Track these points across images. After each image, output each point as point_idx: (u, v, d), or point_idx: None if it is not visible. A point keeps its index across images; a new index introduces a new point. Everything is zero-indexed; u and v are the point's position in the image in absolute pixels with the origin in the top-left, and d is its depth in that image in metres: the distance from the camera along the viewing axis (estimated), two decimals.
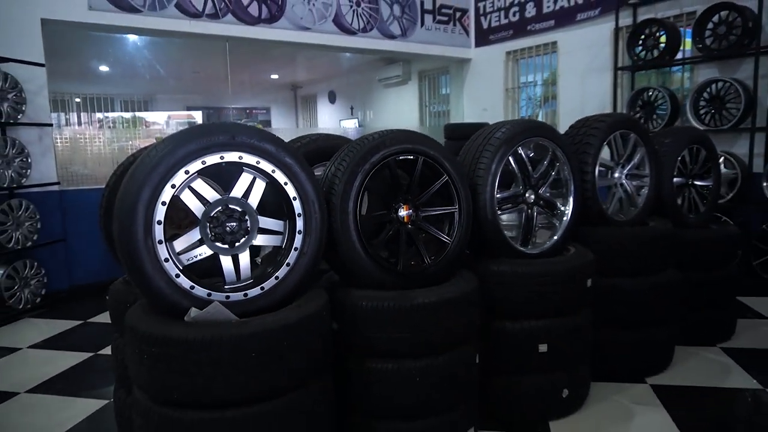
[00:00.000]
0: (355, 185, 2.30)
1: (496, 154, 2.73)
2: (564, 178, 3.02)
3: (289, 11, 6.63)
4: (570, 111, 6.95)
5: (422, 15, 7.81)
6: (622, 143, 3.41)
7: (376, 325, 2.23)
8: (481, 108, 8.36)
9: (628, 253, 3.21)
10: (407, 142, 2.44)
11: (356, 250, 2.30)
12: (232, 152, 1.98)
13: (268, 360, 1.82)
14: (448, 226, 2.59)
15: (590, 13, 6.67)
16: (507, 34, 7.84)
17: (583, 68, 6.78)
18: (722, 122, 5.28)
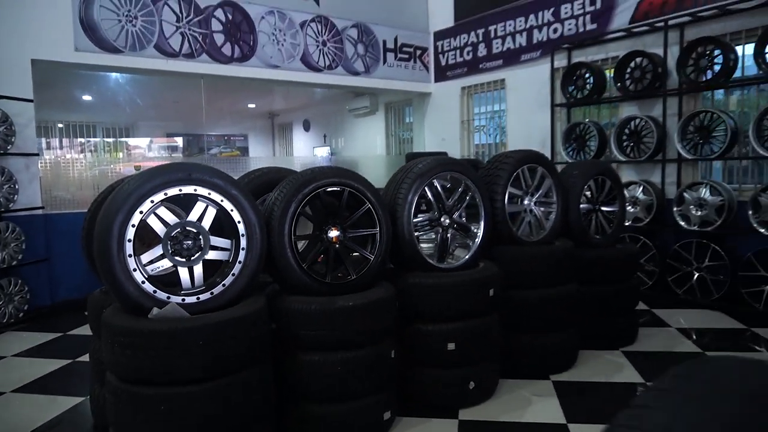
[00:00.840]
0: (290, 211, 2.87)
1: (412, 185, 3.33)
2: (476, 205, 3.63)
3: (260, 51, 7.26)
4: (518, 142, 7.65)
5: (384, 53, 8.51)
6: (530, 175, 4.03)
7: (305, 324, 2.78)
8: (440, 138, 9.03)
9: (534, 268, 3.81)
10: (335, 176, 3.03)
11: (290, 264, 2.86)
12: (188, 186, 2.55)
13: (212, 348, 2.36)
14: (371, 245, 3.16)
15: (533, 55, 7.41)
16: (462, 71, 8.56)
17: (528, 103, 7.49)
18: (640, 154, 5.98)
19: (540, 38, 7.32)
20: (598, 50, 6.65)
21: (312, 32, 7.72)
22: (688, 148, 5.54)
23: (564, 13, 6.99)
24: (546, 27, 7.23)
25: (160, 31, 6.46)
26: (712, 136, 5.39)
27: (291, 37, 7.53)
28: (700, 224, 5.45)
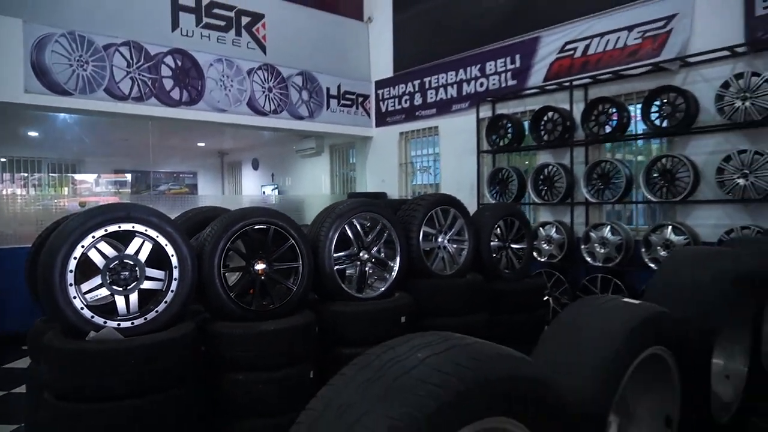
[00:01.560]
0: (219, 246, 3.25)
1: (333, 224, 3.77)
2: (393, 242, 4.09)
3: (208, 95, 7.68)
4: (450, 184, 8.26)
5: (328, 99, 9.07)
6: (443, 216, 4.55)
7: (230, 347, 3.13)
8: (380, 179, 9.58)
9: (445, 299, 4.27)
10: (262, 215, 3.44)
11: (219, 293, 3.22)
12: (127, 224, 2.91)
13: (142, 367, 2.68)
14: (294, 277, 3.56)
15: (462, 105, 8.12)
16: (400, 117, 9.21)
17: (459, 149, 8.14)
18: (553, 197, 6.65)
19: (468, 91, 8.04)
20: (517, 104, 7.39)
21: (259, 79, 8.21)
22: (593, 192, 6.24)
23: (489, 69, 7.75)
24: (474, 81, 7.97)
25: (111, 76, 6.79)
26: (611, 183, 6.10)
27: (238, 83, 7.98)
28: (604, 260, 6.09)
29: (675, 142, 5.91)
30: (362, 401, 0.88)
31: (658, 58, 5.88)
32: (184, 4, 7.51)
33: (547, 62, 7.01)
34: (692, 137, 5.72)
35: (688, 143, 5.77)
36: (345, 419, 0.86)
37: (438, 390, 0.85)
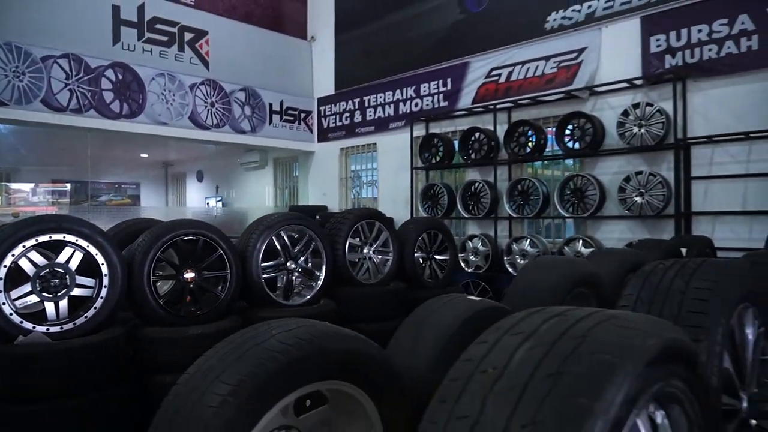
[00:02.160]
0: (149, 255, 3.47)
1: (261, 235, 4.04)
2: (320, 252, 4.39)
3: (149, 108, 7.79)
4: (387, 198, 8.64)
5: (270, 115, 9.32)
6: (369, 228, 4.89)
7: (159, 350, 3.34)
8: (322, 192, 9.87)
9: (368, 305, 4.60)
10: (191, 227, 3.67)
11: (148, 300, 3.43)
12: (58, 234, 3.10)
13: (68, 369, 2.87)
14: (223, 285, 3.80)
15: (398, 123, 8.54)
16: (341, 133, 9.56)
17: (395, 165, 8.55)
18: (479, 212, 7.12)
19: (404, 110, 8.48)
20: (448, 124, 7.87)
21: (201, 93, 8.38)
22: (514, 208, 6.74)
23: (423, 91, 8.22)
24: (409, 101, 8.42)
25: (48, 87, 6.83)
26: (530, 199, 6.62)
27: (180, 97, 8.13)
28: None
29: (586, 163, 6.49)
30: (222, 364, 1.19)
31: (570, 87, 6.47)
32: (126, 19, 7.63)
33: (475, 86, 7.53)
34: (599, 159, 6.31)
35: (597, 164, 6.36)
36: (208, 377, 1.16)
37: (279, 355, 1.15)
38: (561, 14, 6.65)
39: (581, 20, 6.49)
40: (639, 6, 6.03)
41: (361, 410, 1.42)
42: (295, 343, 1.20)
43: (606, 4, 6.27)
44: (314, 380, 1.24)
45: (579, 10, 6.50)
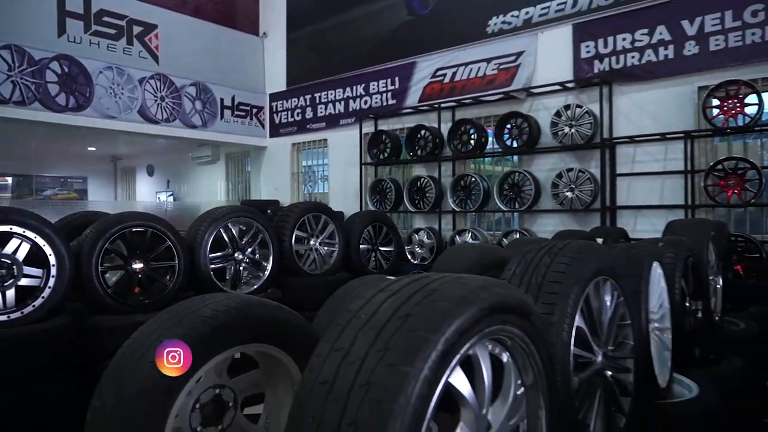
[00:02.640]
0: (97, 246, 3.58)
1: (209, 228, 4.20)
2: (267, 244, 4.58)
3: (96, 102, 7.74)
4: (338, 193, 8.86)
5: (222, 110, 9.37)
6: (315, 221, 5.10)
7: (105, 338, 3.47)
8: (273, 187, 10.00)
9: (312, 293, 4.81)
10: (139, 219, 3.81)
11: (96, 290, 3.55)
12: (4, 225, 3.19)
13: (14, 357, 2.99)
14: (171, 275, 3.95)
15: (348, 120, 8.77)
16: (293, 129, 9.70)
17: (345, 161, 8.77)
18: (425, 206, 7.43)
19: (354, 107, 8.71)
20: (396, 121, 8.15)
21: (151, 88, 8.37)
22: (457, 202, 7.08)
23: (372, 89, 8.47)
24: (359, 99, 8.65)
25: None
26: (472, 194, 6.97)
27: (129, 91, 8.10)
28: None
29: (524, 160, 6.89)
30: (161, 328, 1.40)
31: (509, 88, 6.85)
32: (72, 11, 7.55)
33: (422, 85, 7.83)
34: (536, 156, 6.72)
35: (533, 161, 6.77)
36: (149, 339, 1.38)
37: (210, 320, 1.38)
38: (501, 19, 7.02)
39: (519, 25, 6.87)
40: (571, 14, 6.45)
41: (287, 372, 1.66)
42: (224, 310, 1.42)
43: (542, 11, 6.67)
44: (241, 342, 1.47)
45: (518, 16, 6.88)
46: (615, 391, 1.74)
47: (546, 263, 1.58)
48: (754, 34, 5.32)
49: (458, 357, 0.98)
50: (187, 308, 1.46)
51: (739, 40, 5.40)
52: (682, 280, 2.74)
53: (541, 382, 1.24)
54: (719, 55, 5.50)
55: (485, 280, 1.12)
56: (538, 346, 1.22)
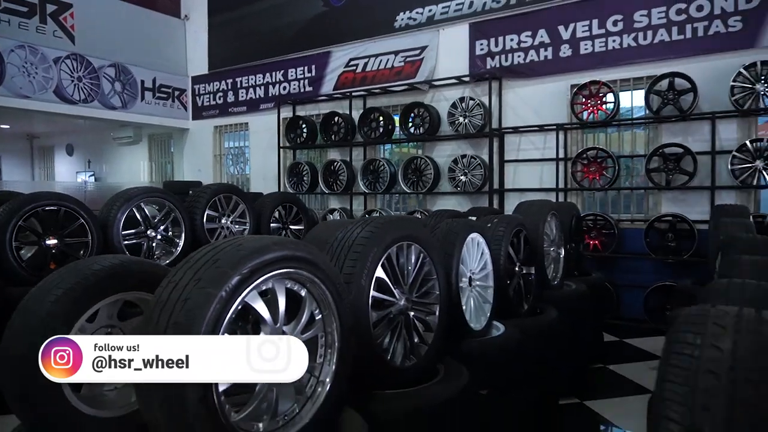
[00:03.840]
0: (11, 224, 3.90)
1: (121, 207, 4.56)
2: (179, 223, 4.98)
3: (8, 81, 7.71)
4: (258, 175, 9.25)
5: (143, 91, 9.47)
6: (226, 201, 5.54)
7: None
8: (197, 168, 10.23)
9: None
10: (51, 198, 4.13)
11: (10, 263, 3.87)
12: None
13: None
14: (85, 250, 4.30)
15: (268, 105, 9.13)
16: (215, 112, 9.95)
17: (265, 144, 9.15)
18: (338, 188, 7.97)
19: (274, 93, 9.09)
20: (313, 107, 8.61)
21: (67, 68, 8.38)
22: (367, 185, 7.66)
23: (290, 75, 8.87)
24: (278, 84, 9.03)
25: None
26: (380, 177, 7.57)
27: (44, 70, 8.10)
28: None
29: (426, 146, 7.56)
30: (60, 277, 1.88)
31: (414, 80, 7.47)
32: None
33: (336, 74, 8.32)
34: (436, 143, 7.40)
35: (435, 148, 7.45)
36: (51, 284, 1.86)
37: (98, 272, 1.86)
38: (407, 15, 7.59)
39: (423, 22, 7.47)
40: (468, 14, 7.11)
41: None
42: (108, 265, 1.91)
43: (443, 9, 7.29)
44: (123, 290, 1.96)
45: (422, 13, 7.47)
46: (418, 327, 2.36)
47: (357, 232, 2.16)
48: (614, 41, 6.17)
49: (252, 287, 1.53)
50: (83, 263, 1.94)
51: (602, 45, 6.23)
52: (510, 249, 3.44)
53: (333, 310, 1.82)
54: (587, 58, 6.32)
55: (282, 239, 1.68)
56: (328, 285, 1.80)
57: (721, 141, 5.68)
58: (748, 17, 5.50)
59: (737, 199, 5.67)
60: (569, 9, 6.43)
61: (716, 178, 5.63)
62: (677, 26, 5.85)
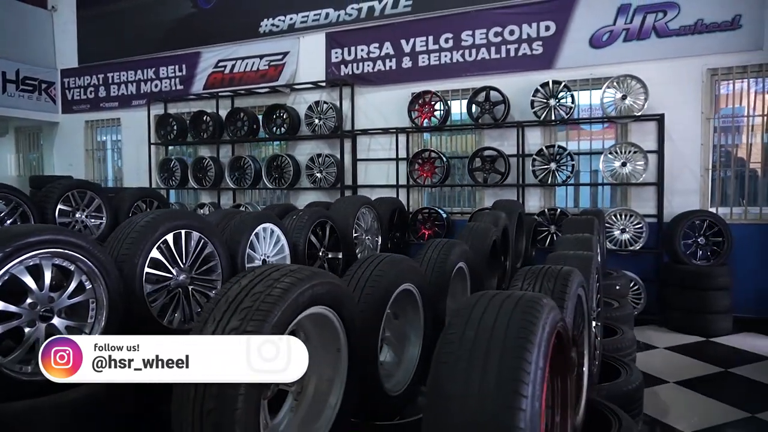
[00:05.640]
0: None
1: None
2: (29, 218, 5.22)
3: None
4: (131, 170, 9.40)
5: (4, 83, 9.27)
6: (80, 197, 5.81)
7: None
8: (68, 163, 10.14)
9: None
10: None
11: None
12: None
13: None
14: None
15: (140, 102, 9.29)
16: (86, 107, 9.93)
17: (138, 140, 9.30)
18: (206, 184, 8.36)
19: (145, 90, 9.27)
20: (184, 105, 8.91)
21: None
22: (234, 180, 8.12)
23: (162, 73, 9.10)
24: (150, 82, 9.22)
25: None
26: (246, 173, 8.06)
27: None
28: None
29: (289, 145, 8.14)
30: None
31: (276, 83, 8.02)
32: None
33: (206, 74, 8.68)
34: (298, 143, 8.01)
35: (296, 146, 8.05)
36: None
37: None
38: (271, 21, 8.12)
39: (285, 29, 8.04)
40: (325, 24, 7.76)
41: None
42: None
43: (302, 18, 7.90)
44: None
45: (283, 20, 8.03)
46: (197, 298, 2.97)
47: (137, 221, 2.73)
48: (446, 56, 7.08)
49: (16, 262, 2.06)
50: None
51: (436, 59, 7.13)
52: (312, 236, 4.14)
53: (101, 281, 2.38)
54: (424, 70, 7.19)
55: (48, 226, 2.21)
56: (93, 261, 2.35)
57: (529, 146, 6.74)
58: (547, 43, 6.59)
59: (541, 195, 6.79)
60: (410, 25, 7.26)
61: (526, 177, 6.69)
62: (494, 47, 6.85)
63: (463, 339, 1.30)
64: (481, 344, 1.26)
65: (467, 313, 1.38)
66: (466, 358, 1.25)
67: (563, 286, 1.97)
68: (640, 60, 6.20)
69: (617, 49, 6.33)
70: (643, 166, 6.08)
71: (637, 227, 6.14)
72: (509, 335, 1.26)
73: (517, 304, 1.36)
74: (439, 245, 2.88)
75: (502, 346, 1.24)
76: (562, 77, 6.43)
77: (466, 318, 1.36)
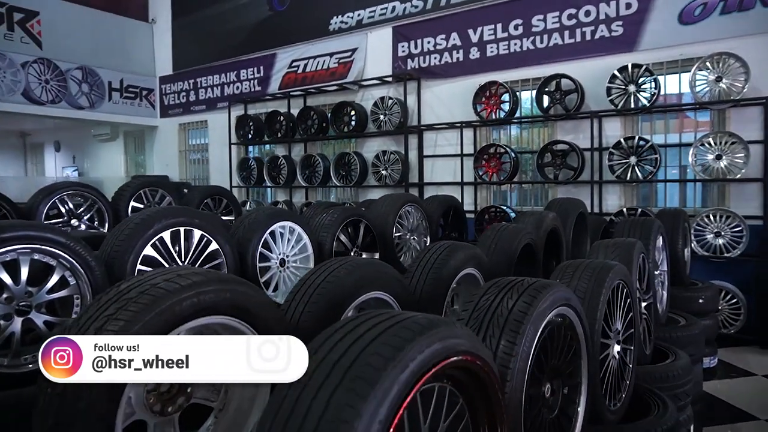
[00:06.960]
0: None
1: (43, 199, 5.20)
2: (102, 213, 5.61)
3: None
4: (216, 169, 9.89)
5: (110, 92, 10.14)
6: (152, 194, 6.14)
7: None
8: (164, 164, 10.90)
9: None
10: None
11: None
12: None
13: None
14: None
15: (224, 104, 9.73)
16: (179, 111, 10.60)
17: (222, 140, 9.75)
18: (281, 182, 8.55)
19: (228, 92, 9.70)
20: (262, 105, 9.19)
21: (34, 71, 9.07)
22: (305, 178, 8.22)
23: (242, 76, 9.47)
24: (231, 84, 9.63)
25: None
26: (316, 171, 8.12)
27: (12, 74, 8.79)
28: None
29: (358, 143, 8.09)
30: None
31: (345, 80, 7.99)
32: None
33: (281, 74, 8.89)
34: (366, 139, 7.93)
35: (364, 144, 7.97)
36: None
37: None
38: (340, 18, 8.11)
39: (353, 25, 7.98)
40: (391, 18, 7.60)
41: None
42: None
43: (369, 13, 7.80)
44: None
45: (352, 17, 7.99)
46: None
47: (132, 219, 2.74)
48: (515, 44, 6.62)
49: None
50: None
51: (505, 48, 6.69)
52: (342, 235, 4.00)
53: (84, 278, 2.40)
54: (492, 61, 6.78)
55: (32, 223, 2.26)
56: (75, 258, 2.38)
57: (607, 138, 6.11)
58: (628, 22, 5.92)
59: (621, 194, 6.13)
60: (478, 13, 6.88)
61: (604, 174, 6.07)
62: (568, 30, 6.28)
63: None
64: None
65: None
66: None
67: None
68: (740, 35, 5.36)
69: (712, 23, 5.52)
70: (743, 159, 5.25)
71: (735, 230, 5.33)
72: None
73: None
74: (439, 249, 2.60)
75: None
76: (645, 60, 5.75)
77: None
